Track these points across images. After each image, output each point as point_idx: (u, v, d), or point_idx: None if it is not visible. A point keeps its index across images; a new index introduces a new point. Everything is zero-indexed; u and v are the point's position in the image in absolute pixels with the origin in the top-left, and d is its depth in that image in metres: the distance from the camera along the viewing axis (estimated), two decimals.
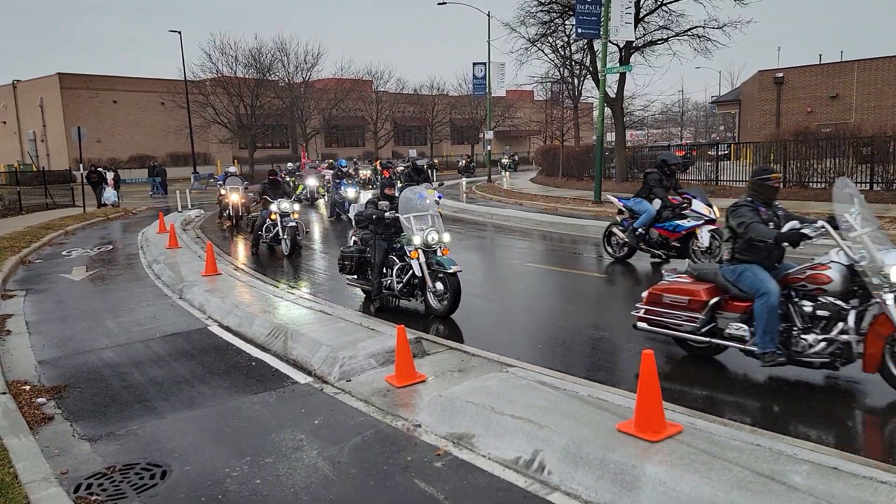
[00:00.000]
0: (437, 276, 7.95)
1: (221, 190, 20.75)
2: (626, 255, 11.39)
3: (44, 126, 48.12)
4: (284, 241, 13.23)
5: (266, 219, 13.62)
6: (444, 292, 7.90)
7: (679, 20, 24.71)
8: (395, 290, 8.40)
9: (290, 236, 13.10)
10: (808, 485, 3.37)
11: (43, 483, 3.96)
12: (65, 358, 7.00)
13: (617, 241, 11.54)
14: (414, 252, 7.93)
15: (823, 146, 19.28)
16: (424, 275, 7.97)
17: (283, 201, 13.28)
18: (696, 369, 6.01)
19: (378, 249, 8.43)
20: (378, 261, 8.41)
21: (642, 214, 10.86)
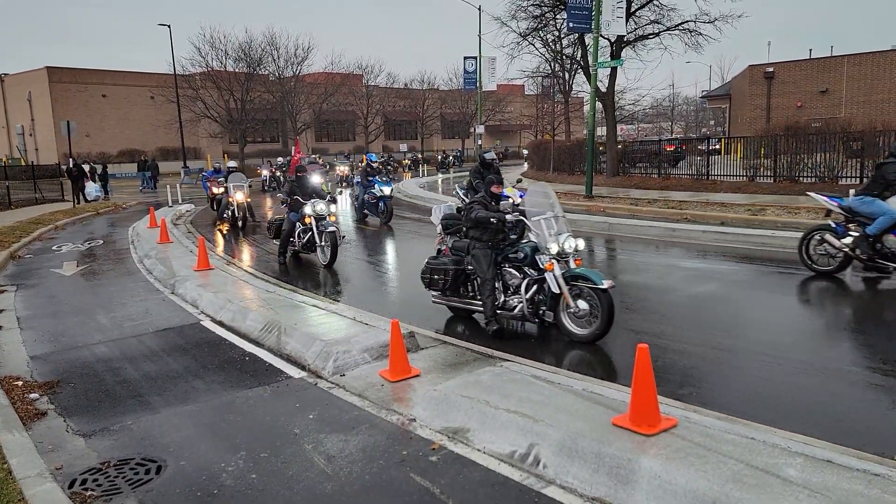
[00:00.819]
0: (578, 292, 6.54)
1: (215, 188, 19.50)
2: (836, 268, 9.18)
3: (32, 120, 47.69)
4: (322, 248, 11.39)
5: (296, 223, 11.78)
6: (587, 313, 6.48)
7: (670, 14, 24.75)
8: (516, 311, 6.97)
9: (330, 243, 11.21)
10: (803, 478, 3.40)
11: (38, 479, 3.94)
12: (57, 353, 6.96)
13: (826, 250, 9.29)
14: (550, 264, 6.58)
15: (814, 141, 19.39)
16: (563, 291, 6.54)
17: (319, 202, 11.40)
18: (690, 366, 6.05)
19: (486, 261, 7.01)
20: (489, 275, 6.98)
21: (878, 216, 8.61)
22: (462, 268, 7.46)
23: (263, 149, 50.25)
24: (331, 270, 11.14)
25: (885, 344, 6.47)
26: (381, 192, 16.93)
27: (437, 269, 7.60)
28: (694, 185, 21.07)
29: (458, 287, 7.55)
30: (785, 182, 19.35)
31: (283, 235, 11.92)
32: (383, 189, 16.96)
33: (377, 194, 16.97)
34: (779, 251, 11.33)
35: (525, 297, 6.85)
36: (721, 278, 9.50)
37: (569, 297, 6.54)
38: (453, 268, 7.47)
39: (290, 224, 11.85)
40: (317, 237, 11.36)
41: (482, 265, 7.04)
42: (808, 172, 19.09)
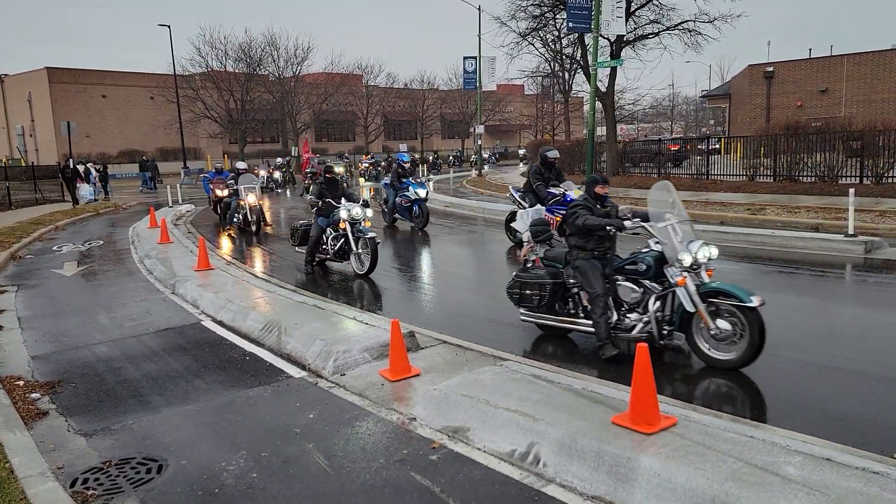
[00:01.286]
0: (715, 309, 5.64)
1: (218, 190, 18.27)
2: None
3: (32, 121, 47.69)
4: (358, 256, 10.45)
5: (326, 228, 10.79)
6: (730, 334, 5.54)
7: (670, 14, 24.80)
8: (635, 331, 6.00)
9: (369, 250, 10.18)
10: (802, 476, 3.41)
11: (39, 478, 3.96)
12: (58, 353, 6.97)
13: None
14: (682, 278, 5.69)
15: (813, 140, 19.39)
16: (699, 309, 5.64)
17: (353, 206, 10.39)
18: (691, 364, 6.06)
19: (594, 274, 6.10)
20: (601, 289, 6.03)
21: None
22: (561, 281, 6.52)
23: (263, 149, 50.27)
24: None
25: (886, 344, 6.48)
26: (416, 194, 15.53)
27: (531, 283, 6.62)
28: (694, 184, 21.08)
29: (555, 304, 6.63)
30: (785, 181, 19.36)
31: (311, 242, 10.84)
32: (418, 192, 15.57)
33: (412, 197, 15.60)
34: (779, 250, 11.34)
35: (653, 316, 5.91)
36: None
37: (707, 317, 5.60)
38: (551, 281, 6.50)
39: (318, 230, 10.79)
40: (353, 244, 10.39)
41: (590, 278, 6.11)
42: (807, 172, 19.11)
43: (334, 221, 10.64)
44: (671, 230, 5.91)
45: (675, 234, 5.89)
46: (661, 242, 5.94)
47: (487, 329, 7.42)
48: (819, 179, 18.65)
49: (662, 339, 5.92)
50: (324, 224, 10.79)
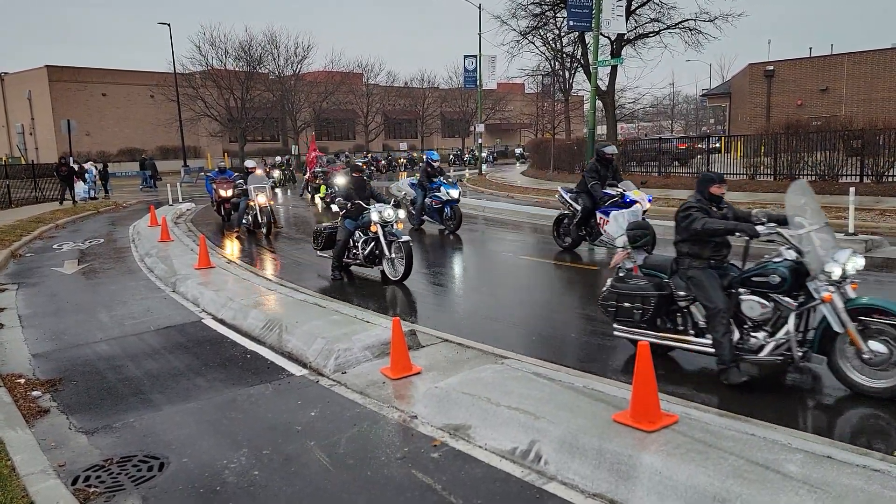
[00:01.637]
0: (863, 328, 4.90)
1: (222, 190, 17.58)
2: None
3: (32, 119, 47.68)
4: (391, 261, 9.78)
5: (354, 231, 10.10)
6: (886, 359, 4.82)
7: (670, 13, 24.82)
8: (764, 352, 5.22)
9: (404, 255, 9.47)
10: (803, 473, 3.42)
11: (41, 475, 3.96)
12: (59, 351, 6.98)
13: None
14: (829, 294, 4.94)
15: (814, 139, 19.39)
16: (848, 329, 4.89)
17: (385, 207, 9.72)
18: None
19: (713, 285, 5.38)
20: (722, 304, 5.30)
21: None
22: (668, 293, 5.71)
23: (263, 147, 50.25)
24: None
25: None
26: (447, 195, 14.50)
27: (632, 294, 5.80)
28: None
29: (657, 318, 5.83)
30: (785, 180, 19.35)
31: (338, 247, 10.09)
32: (450, 192, 14.53)
33: (443, 198, 14.57)
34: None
35: (793, 337, 5.09)
36: None
37: (858, 338, 4.85)
38: (656, 294, 5.68)
39: (346, 233, 10.04)
40: (385, 248, 9.68)
41: (709, 291, 5.35)
42: (808, 171, 19.11)
43: (363, 224, 9.99)
44: (815, 238, 5.12)
45: (817, 241, 5.13)
46: (799, 251, 5.15)
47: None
48: (819, 178, 18.65)
49: (799, 361, 5.15)
50: (351, 227, 10.06)
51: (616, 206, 10.90)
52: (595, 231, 11.54)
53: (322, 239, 10.73)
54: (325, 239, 10.69)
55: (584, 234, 11.75)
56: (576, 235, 11.84)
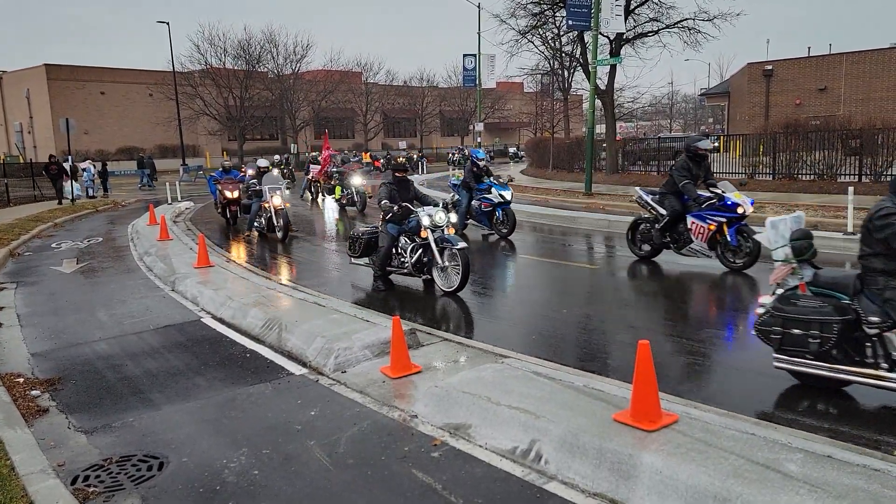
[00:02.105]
0: None
1: (227, 192, 16.58)
2: None
3: (30, 118, 47.62)
4: (444, 270, 8.76)
5: (398, 237, 9.14)
6: None
7: (669, 12, 24.80)
8: None
9: (460, 264, 8.50)
10: (803, 473, 3.42)
11: (40, 475, 3.95)
12: (58, 350, 6.97)
13: None
14: None
15: (813, 138, 19.40)
16: None
17: (436, 210, 8.78)
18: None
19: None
20: None
21: None
22: (853, 318, 4.71)
23: (262, 146, 50.23)
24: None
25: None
26: (500, 197, 13.32)
27: (804, 319, 4.86)
28: None
29: (835, 348, 4.85)
30: (784, 180, 19.37)
31: (381, 254, 9.15)
32: (503, 194, 13.36)
33: (494, 200, 13.38)
34: None
35: None
36: (719, 274, 9.51)
37: None
38: (839, 319, 4.69)
39: (390, 239, 9.10)
40: (438, 256, 8.72)
41: None
42: (807, 170, 19.12)
43: (410, 229, 9.04)
44: None
45: None
46: None
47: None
48: (818, 177, 18.66)
49: None
50: (395, 232, 9.10)
51: (714, 209, 9.51)
52: (683, 238, 10.00)
53: (360, 245, 9.66)
54: (363, 245, 9.63)
55: (669, 241, 10.24)
56: (658, 242, 10.30)
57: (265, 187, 14.40)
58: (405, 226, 9.13)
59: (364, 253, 9.70)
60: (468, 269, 8.54)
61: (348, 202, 19.75)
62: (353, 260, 9.96)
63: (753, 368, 5.68)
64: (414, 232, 9.02)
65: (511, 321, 7.78)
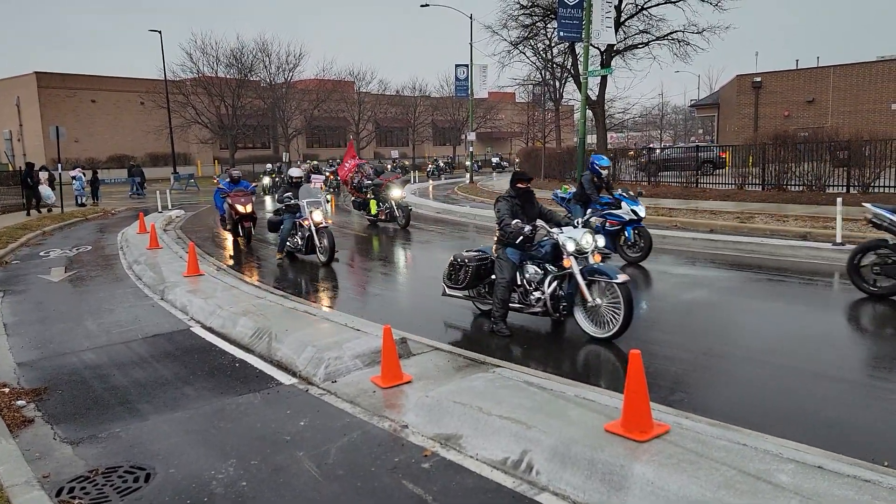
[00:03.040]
0: None
1: (239, 205, 14.46)
2: None
3: (20, 125, 47.34)
4: (596, 310, 6.82)
5: (522, 264, 7.21)
6: None
7: (659, 25, 25.06)
8: None
9: (622, 302, 6.54)
10: (794, 483, 3.41)
11: (25, 486, 3.89)
12: (45, 360, 6.88)
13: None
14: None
15: (801, 150, 19.58)
16: None
17: (583, 233, 6.93)
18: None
19: None
20: None
21: None
22: None
23: (254, 155, 50.16)
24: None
25: (872, 350, 6.51)
26: (631, 213, 10.79)
27: None
28: (683, 192, 21.22)
29: None
30: (773, 190, 19.51)
31: (501, 286, 7.07)
32: (635, 210, 10.79)
33: (624, 217, 10.81)
34: (768, 258, 11.40)
35: None
36: (711, 284, 9.54)
37: None
38: None
39: (511, 268, 7.07)
40: (586, 291, 6.75)
41: None
42: (795, 181, 19.27)
43: (543, 256, 7.14)
44: None
45: None
46: None
47: None
48: (807, 188, 18.82)
49: None
50: (516, 258, 7.12)
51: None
52: None
53: (467, 273, 7.57)
54: (470, 274, 7.55)
55: None
56: None
57: (303, 202, 12.10)
58: (536, 251, 7.21)
59: (470, 283, 7.68)
60: (632, 308, 6.55)
61: (387, 218, 17.40)
62: (447, 291, 7.93)
63: None
64: (546, 260, 7.13)
65: None
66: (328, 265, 11.81)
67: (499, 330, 7.17)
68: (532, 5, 26.61)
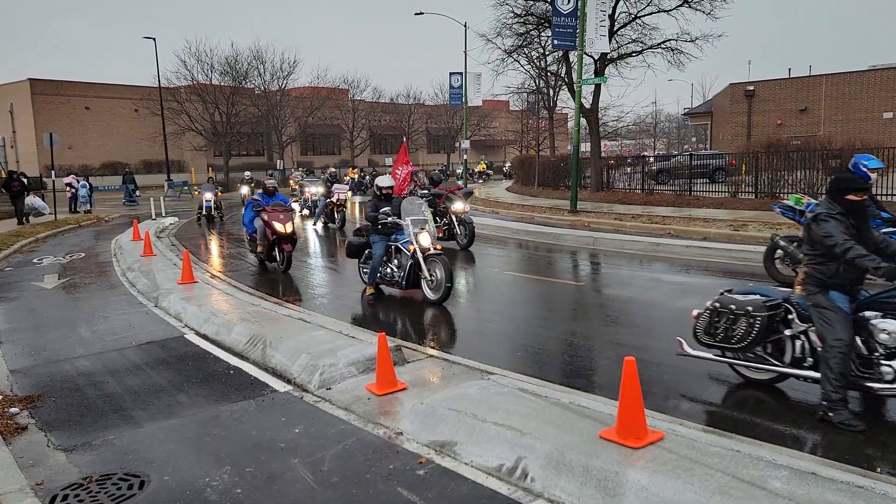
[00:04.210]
0: None
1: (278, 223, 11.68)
2: None
3: (13, 132, 47.18)
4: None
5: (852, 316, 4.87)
6: None
7: (652, 33, 25.19)
8: None
9: None
10: (788, 490, 3.43)
11: (18, 494, 3.87)
12: (38, 367, 6.85)
13: None
14: None
15: (794, 158, 19.71)
16: None
17: None
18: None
19: None
20: None
21: None
22: None
23: (248, 162, 50.08)
24: None
25: None
26: None
27: None
28: (677, 200, 21.29)
29: None
30: (766, 198, 19.59)
31: (837, 349, 4.67)
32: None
33: None
34: (760, 266, 11.44)
35: None
36: (704, 292, 9.55)
37: None
38: None
39: (843, 321, 4.76)
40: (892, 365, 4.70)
41: None
42: (788, 189, 19.37)
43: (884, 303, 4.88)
44: None
45: None
46: None
47: None
48: None
49: None
50: (846, 306, 4.90)
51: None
52: None
53: (752, 327, 5.27)
54: (759, 328, 5.23)
55: None
56: None
57: (406, 220, 9.39)
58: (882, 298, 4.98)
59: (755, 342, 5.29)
60: None
61: (446, 236, 14.31)
62: (692, 351, 5.79)
63: None
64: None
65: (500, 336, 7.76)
66: (439, 304, 9.17)
67: (843, 422, 4.68)
68: (526, 14, 26.74)
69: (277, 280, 11.78)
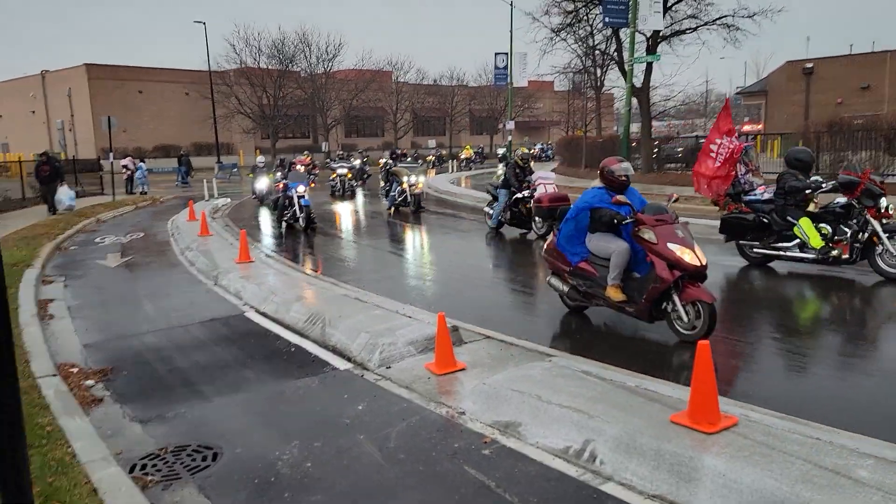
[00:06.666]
0: None
1: None
2: None
3: (72, 115, 48.79)
4: None
5: None
6: None
7: (708, 9, 24.33)
8: None
9: None
10: (875, 479, 3.31)
11: (102, 463, 4.02)
12: (108, 342, 7.10)
13: None
14: None
15: (858, 137, 18.93)
16: None
17: None
18: None
19: None
20: None
21: None
22: None
23: (294, 144, 50.73)
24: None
25: None
26: None
27: None
28: None
29: None
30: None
31: None
32: None
33: None
34: None
35: None
36: (775, 278, 9.31)
37: None
38: None
39: None
40: None
41: None
42: (851, 170, 18.63)
43: None
44: None
45: None
46: None
47: None
48: None
49: None
50: None
51: None
52: None
53: None
54: None
55: None
56: None
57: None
58: None
59: None
60: None
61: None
62: None
63: None
64: None
65: None
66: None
67: None
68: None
69: (332, 259, 11.91)
